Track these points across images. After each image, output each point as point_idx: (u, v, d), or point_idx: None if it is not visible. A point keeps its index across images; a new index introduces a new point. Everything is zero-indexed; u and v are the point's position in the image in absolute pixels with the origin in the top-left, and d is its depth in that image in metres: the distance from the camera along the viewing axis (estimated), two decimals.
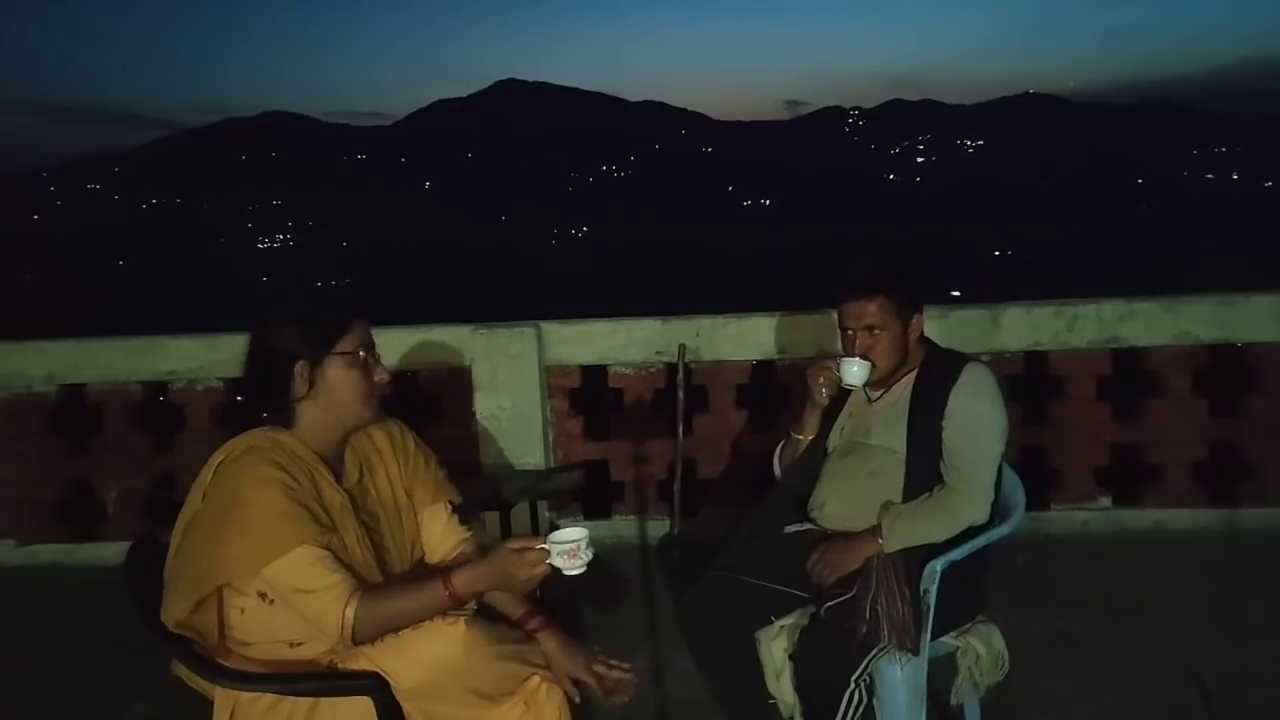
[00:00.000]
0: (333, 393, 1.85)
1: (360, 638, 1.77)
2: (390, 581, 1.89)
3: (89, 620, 3.39)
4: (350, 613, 1.74)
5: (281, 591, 1.77)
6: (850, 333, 2.42)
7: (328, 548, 1.78)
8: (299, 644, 1.84)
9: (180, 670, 1.90)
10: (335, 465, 1.92)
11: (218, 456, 1.86)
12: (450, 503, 2.10)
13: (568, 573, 1.78)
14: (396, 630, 1.79)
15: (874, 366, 2.39)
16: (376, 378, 1.91)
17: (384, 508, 1.98)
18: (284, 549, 1.73)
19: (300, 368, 1.82)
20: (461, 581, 1.81)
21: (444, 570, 1.86)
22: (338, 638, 1.76)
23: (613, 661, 1.96)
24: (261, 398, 1.87)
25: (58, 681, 3.15)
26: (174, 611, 1.82)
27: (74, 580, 3.99)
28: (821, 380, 2.47)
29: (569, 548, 1.77)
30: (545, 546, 1.78)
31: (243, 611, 1.84)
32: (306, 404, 1.86)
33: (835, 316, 2.48)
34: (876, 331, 2.38)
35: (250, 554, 1.74)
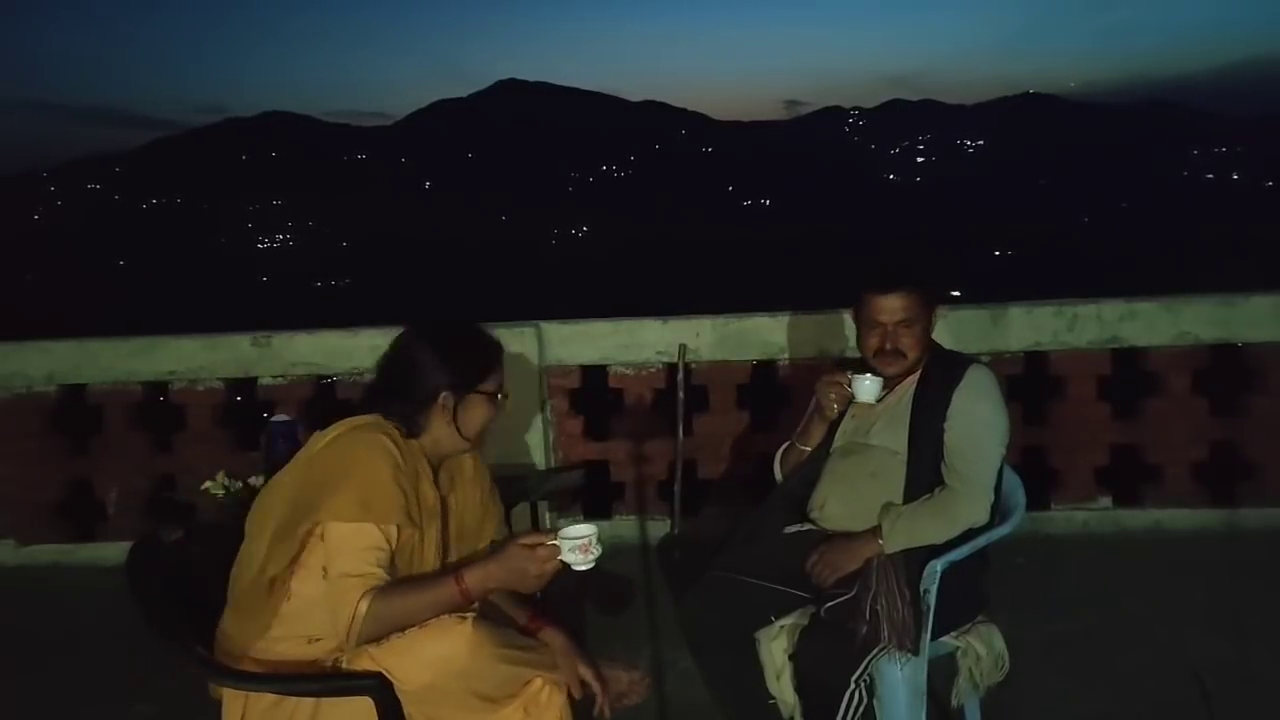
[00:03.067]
0: (467, 424, 1.96)
1: (365, 634, 1.77)
2: (402, 579, 1.90)
3: (89, 620, 3.39)
4: (364, 606, 1.75)
5: (332, 559, 1.79)
6: (880, 327, 2.40)
7: (392, 541, 1.82)
8: (317, 640, 1.86)
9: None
10: (435, 470, 1.99)
11: (331, 431, 1.92)
12: (494, 541, 2.14)
13: (577, 568, 1.81)
14: (403, 629, 1.80)
15: (902, 361, 2.39)
16: (503, 414, 2.02)
17: (458, 522, 2.04)
18: (368, 517, 1.78)
19: (445, 398, 1.92)
20: (474, 579, 1.83)
21: (455, 568, 1.87)
22: (345, 629, 1.77)
23: (624, 672, 2.00)
24: (397, 409, 1.93)
25: (58, 681, 3.15)
26: (276, 559, 1.84)
27: (74, 580, 3.99)
28: (833, 395, 2.46)
29: (580, 543, 1.80)
30: (556, 542, 1.81)
31: (290, 599, 1.86)
32: (437, 426, 1.94)
33: (852, 314, 2.48)
34: (906, 324, 2.37)
35: (338, 504, 1.79)
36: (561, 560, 1.81)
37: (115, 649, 2.98)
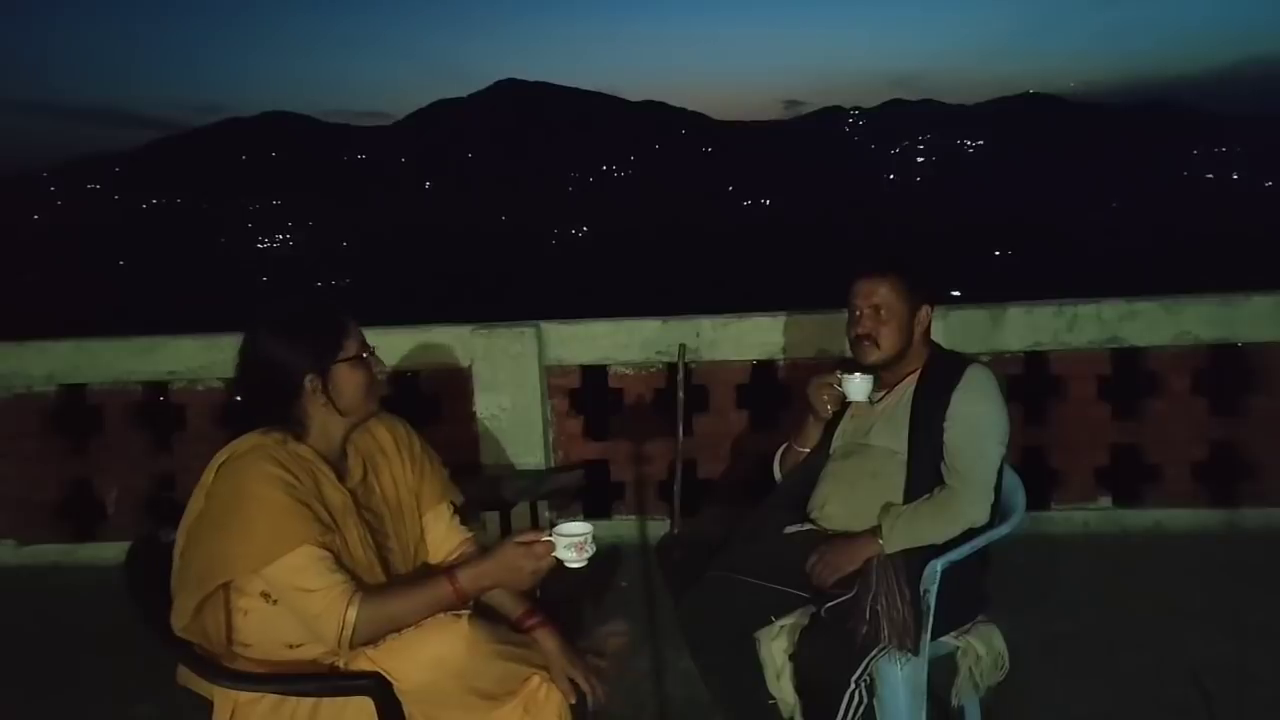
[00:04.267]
0: (341, 396, 1.88)
1: (360, 640, 1.76)
2: (393, 581, 1.89)
3: (89, 620, 3.39)
4: (352, 614, 1.74)
5: (282, 590, 1.77)
6: (858, 312, 2.42)
7: (329, 548, 1.78)
8: (298, 646, 1.84)
9: (183, 675, 1.90)
10: (338, 464, 1.93)
11: (220, 456, 1.86)
12: (453, 504, 2.11)
13: (570, 565, 1.81)
14: (397, 630, 1.80)
15: (877, 350, 2.39)
16: (376, 371, 1.94)
17: (388, 506, 1.99)
18: (287, 547, 1.74)
19: (311, 381, 1.84)
20: (467, 578, 1.82)
21: (448, 568, 1.86)
22: (335, 639, 1.75)
23: (600, 638, 1.99)
24: (269, 411, 1.88)
25: (58, 681, 3.15)
26: (180, 613, 1.82)
27: (74, 580, 3.99)
28: (825, 396, 2.46)
29: (576, 540, 1.80)
30: (551, 539, 1.80)
31: (246, 614, 1.84)
32: (316, 411, 1.87)
33: (845, 313, 2.48)
34: (883, 312, 2.38)
35: (253, 551, 1.74)
36: (556, 558, 1.80)
37: (115, 649, 2.97)
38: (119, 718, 2.89)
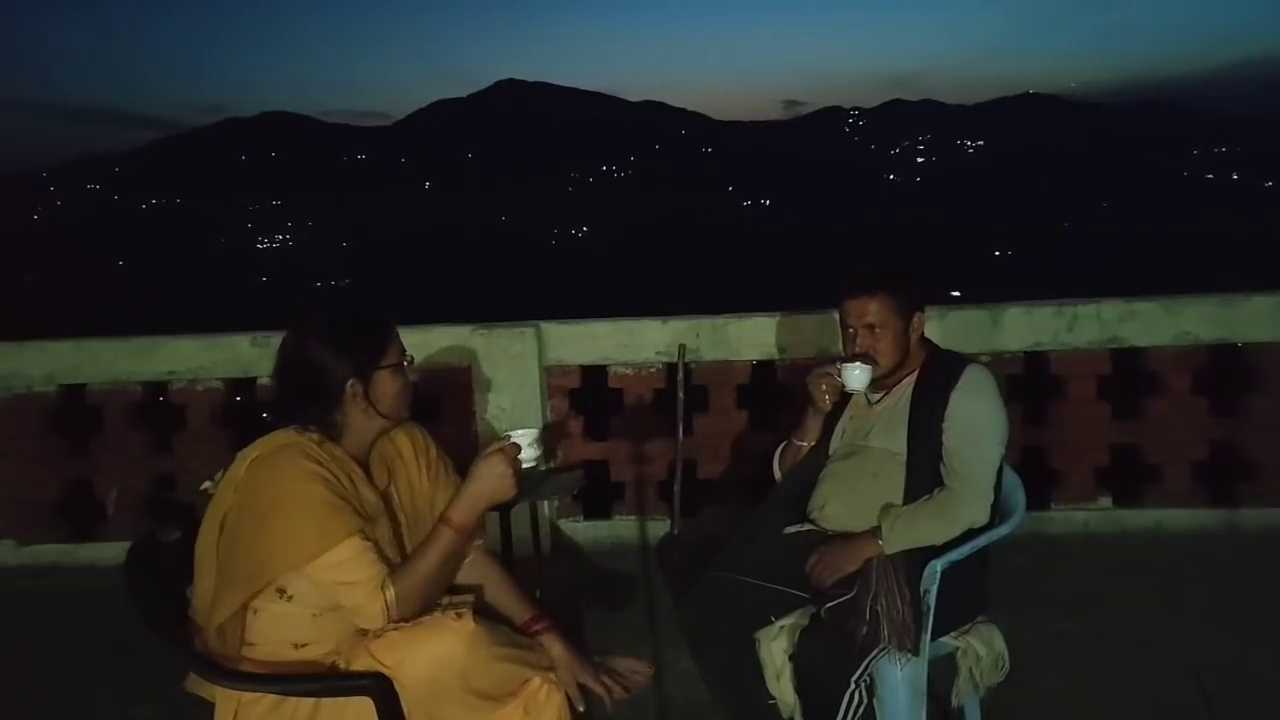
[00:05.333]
0: (381, 401, 1.92)
1: (403, 615, 1.81)
2: (408, 555, 1.91)
3: (89, 620, 3.39)
4: (390, 595, 1.78)
5: (323, 584, 1.79)
6: (851, 330, 2.42)
7: (370, 538, 1.81)
8: (303, 645, 1.85)
9: (192, 682, 1.91)
10: (366, 468, 1.95)
11: (251, 451, 1.87)
12: None
13: (527, 464, 1.94)
14: (432, 594, 1.85)
15: (875, 368, 2.39)
16: (411, 378, 1.98)
17: (405, 511, 2.01)
18: (333, 541, 1.76)
19: (353, 386, 1.87)
20: (458, 511, 1.87)
21: (441, 514, 1.90)
22: (382, 620, 1.79)
23: (624, 667, 2.01)
24: (306, 412, 1.89)
25: (58, 681, 3.15)
26: (224, 609, 1.82)
27: (74, 580, 3.99)
28: (824, 387, 2.46)
29: (533, 438, 1.96)
30: (515, 441, 1.92)
31: (256, 613, 1.85)
32: (355, 414, 1.90)
33: (837, 316, 2.49)
34: (877, 330, 2.38)
35: (299, 549, 1.76)
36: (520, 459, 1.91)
37: (114, 649, 2.97)
38: (119, 718, 2.89)
